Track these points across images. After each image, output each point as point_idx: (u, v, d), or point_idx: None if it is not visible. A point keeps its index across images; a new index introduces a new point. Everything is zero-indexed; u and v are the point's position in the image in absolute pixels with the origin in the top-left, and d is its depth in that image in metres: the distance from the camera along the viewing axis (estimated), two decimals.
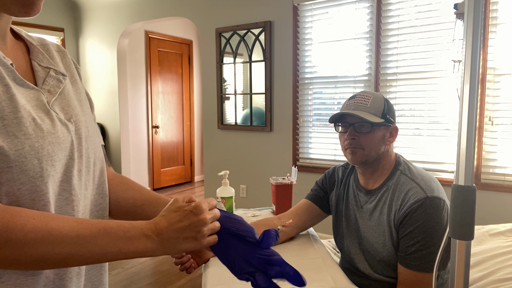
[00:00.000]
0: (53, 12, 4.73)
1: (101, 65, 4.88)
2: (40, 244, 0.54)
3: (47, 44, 0.74)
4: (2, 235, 0.52)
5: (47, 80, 0.67)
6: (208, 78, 4.03)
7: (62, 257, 0.56)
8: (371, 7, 3.04)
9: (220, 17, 3.84)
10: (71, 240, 0.56)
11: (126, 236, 0.60)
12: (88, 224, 0.59)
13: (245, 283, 1.16)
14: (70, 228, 0.57)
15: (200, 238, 0.62)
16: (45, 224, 0.55)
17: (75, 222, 0.58)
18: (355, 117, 1.26)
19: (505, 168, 2.61)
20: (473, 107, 0.60)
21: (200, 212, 0.62)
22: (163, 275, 2.90)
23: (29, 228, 0.53)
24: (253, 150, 3.78)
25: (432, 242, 1.17)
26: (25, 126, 0.57)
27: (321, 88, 3.38)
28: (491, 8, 2.59)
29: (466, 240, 0.62)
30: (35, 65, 0.68)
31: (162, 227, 0.62)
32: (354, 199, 1.39)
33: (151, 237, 0.61)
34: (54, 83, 0.68)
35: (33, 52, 0.69)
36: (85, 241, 0.57)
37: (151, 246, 0.61)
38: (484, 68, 2.63)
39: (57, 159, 0.62)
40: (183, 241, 0.62)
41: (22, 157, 0.56)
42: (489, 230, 1.64)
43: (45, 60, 0.69)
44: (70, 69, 0.76)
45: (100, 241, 0.58)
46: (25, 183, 0.57)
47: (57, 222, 0.56)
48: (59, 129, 0.63)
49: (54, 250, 0.55)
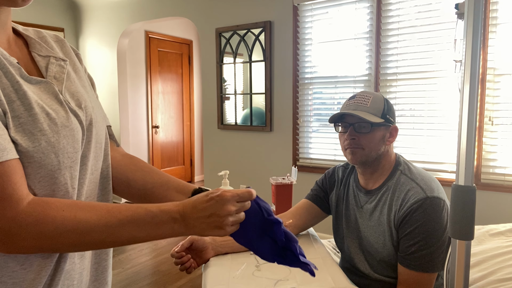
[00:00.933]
0: (53, 12, 4.73)
1: (101, 65, 4.88)
2: (70, 234, 0.57)
3: (44, 35, 0.75)
4: (35, 229, 0.55)
5: (49, 67, 0.69)
6: (208, 78, 4.03)
7: (93, 243, 0.59)
8: (371, 7, 3.04)
9: (220, 17, 3.84)
10: (100, 229, 0.59)
11: (154, 222, 0.62)
12: (116, 212, 0.61)
13: (245, 283, 1.16)
14: (98, 217, 0.59)
15: (224, 227, 0.63)
16: (74, 216, 0.58)
17: (103, 211, 0.60)
18: (355, 117, 1.26)
19: (505, 168, 2.61)
20: (473, 107, 0.60)
21: (224, 203, 0.62)
22: (163, 275, 2.90)
23: (59, 221, 0.57)
24: (253, 150, 3.78)
25: (432, 242, 1.17)
26: (40, 123, 0.60)
27: (321, 88, 3.38)
28: (491, 8, 2.59)
29: (466, 240, 0.62)
30: (35, 56, 0.70)
31: (188, 212, 0.63)
32: (354, 199, 1.39)
33: (178, 220, 0.63)
34: (57, 69, 0.70)
35: (31, 44, 0.71)
36: (113, 229, 0.60)
37: (178, 229, 0.63)
38: (484, 68, 2.63)
39: (73, 150, 0.64)
40: (207, 228, 0.63)
41: (40, 153, 0.59)
42: (489, 230, 1.64)
43: (44, 49, 0.71)
44: (70, 57, 0.77)
45: (128, 228, 0.60)
46: (45, 176, 0.60)
47: (86, 212, 0.59)
48: (73, 120, 0.65)
49: (85, 238, 0.58)
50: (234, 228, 0.64)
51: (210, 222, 0.62)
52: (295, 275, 1.20)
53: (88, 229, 0.58)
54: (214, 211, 0.62)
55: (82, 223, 0.58)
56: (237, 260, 1.32)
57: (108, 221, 0.59)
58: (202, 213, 0.62)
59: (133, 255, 3.29)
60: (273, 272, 1.22)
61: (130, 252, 3.34)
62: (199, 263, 1.33)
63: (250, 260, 1.31)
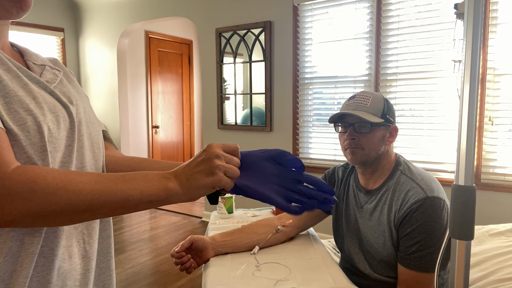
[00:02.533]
0: (53, 12, 4.73)
1: (101, 65, 4.88)
2: (63, 192, 0.56)
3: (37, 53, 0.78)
4: (26, 187, 0.54)
5: (44, 74, 0.70)
6: (208, 78, 4.03)
7: (88, 204, 0.57)
8: (371, 7, 3.04)
9: (220, 17, 3.84)
10: (92, 187, 0.58)
11: (145, 179, 0.61)
12: (107, 175, 0.61)
13: (245, 283, 1.16)
14: (89, 178, 0.59)
15: (215, 170, 0.62)
16: (64, 175, 0.57)
17: (93, 173, 0.60)
18: (355, 117, 1.26)
19: (505, 168, 2.61)
20: (473, 107, 0.60)
21: (210, 148, 0.64)
22: (163, 275, 2.90)
23: (50, 178, 0.55)
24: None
25: (432, 242, 1.17)
26: (26, 103, 0.60)
27: (321, 88, 3.38)
28: (491, 8, 2.59)
29: (466, 240, 0.62)
30: (30, 64, 0.70)
31: (179, 170, 0.64)
32: (354, 199, 1.39)
33: (170, 178, 0.63)
34: (51, 76, 0.71)
35: (26, 54, 0.72)
36: (106, 187, 0.59)
37: (172, 186, 0.62)
38: (484, 68, 2.63)
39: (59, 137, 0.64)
40: (199, 175, 0.62)
41: (26, 131, 0.59)
42: (489, 230, 1.64)
43: (39, 59, 0.73)
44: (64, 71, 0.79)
45: (121, 186, 0.60)
46: (31, 157, 0.59)
47: (76, 173, 0.59)
48: (59, 109, 0.65)
49: (78, 196, 0.57)
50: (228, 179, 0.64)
51: (200, 171, 0.62)
52: (295, 275, 1.20)
53: (81, 187, 0.57)
54: (202, 158, 0.63)
55: (73, 181, 0.57)
56: (237, 260, 1.32)
57: (99, 180, 0.59)
58: (191, 164, 0.63)
59: (133, 255, 3.29)
60: (273, 272, 1.22)
61: (130, 252, 3.34)
62: (199, 263, 1.33)
63: (250, 260, 1.32)
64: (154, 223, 4.16)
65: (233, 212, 1.80)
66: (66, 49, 4.92)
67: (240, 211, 1.88)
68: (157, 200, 0.62)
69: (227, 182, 0.64)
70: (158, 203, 0.62)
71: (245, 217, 1.77)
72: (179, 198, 0.63)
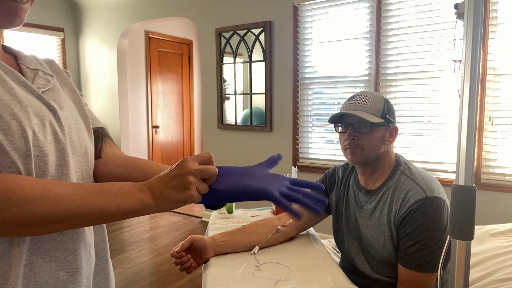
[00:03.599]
0: (53, 12, 4.73)
1: (101, 65, 4.88)
2: (40, 202, 0.56)
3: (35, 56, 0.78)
4: (3, 196, 0.54)
5: (36, 79, 0.70)
6: (208, 78, 4.03)
7: (64, 215, 0.58)
8: (371, 7, 3.04)
9: (220, 17, 3.84)
10: (69, 198, 0.58)
11: (121, 192, 0.62)
12: (84, 185, 0.62)
13: (245, 283, 1.16)
14: (67, 188, 0.59)
15: (189, 186, 0.63)
16: (43, 185, 0.57)
17: (71, 184, 0.61)
18: (355, 117, 1.26)
19: (505, 168, 2.61)
20: (473, 107, 0.60)
21: (184, 163, 0.64)
22: (163, 275, 2.90)
23: (28, 189, 0.56)
24: (253, 150, 3.78)
25: (432, 242, 1.17)
26: (10, 108, 0.59)
27: (321, 88, 3.38)
28: (491, 8, 2.59)
29: (466, 240, 0.62)
30: (23, 68, 0.70)
31: (152, 182, 0.65)
32: (354, 199, 1.39)
33: (144, 191, 0.64)
34: (43, 82, 0.71)
35: (20, 58, 0.72)
36: (83, 199, 0.59)
37: (146, 200, 0.63)
38: (484, 68, 2.63)
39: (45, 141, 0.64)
40: (172, 190, 0.63)
41: (10, 136, 0.58)
42: (489, 230, 1.64)
43: (33, 63, 0.72)
44: (59, 74, 0.79)
45: (97, 198, 0.60)
46: (15, 161, 0.59)
47: (54, 184, 0.59)
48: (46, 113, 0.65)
49: (55, 207, 0.57)
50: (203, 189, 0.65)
51: (173, 186, 0.63)
52: (295, 275, 1.20)
53: (58, 198, 0.57)
54: (176, 173, 0.63)
55: (51, 192, 0.57)
56: (237, 260, 1.32)
57: (76, 191, 0.59)
58: (165, 179, 0.64)
59: (133, 255, 3.29)
60: (273, 272, 1.22)
61: (130, 252, 3.34)
62: (199, 263, 1.33)
63: (250, 260, 1.31)
64: (154, 223, 4.16)
65: (233, 212, 1.80)
66: (66, 49, 4.92)
67: (240, 211, 1.88)
68: (132, 212, 0.63)
69: (198, 198, 0.65)
70: (133, 214, 0.63)
71: (245, 217, 1.77)
72: (152, 210, 0.64)
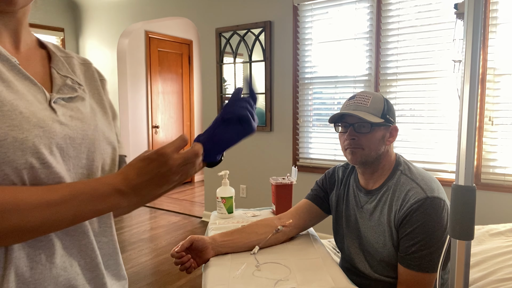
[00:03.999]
0: (53, 12, 4.73)
1: (101, 65, 4.88)
2: (10, 215, 0.54)
3: (71, 56, 0.76)
4: None
5: (62, 88, 0.68)
6: (208, 78, 4.03)
7: (36, 224, 0.56)
8: (371, 7, 3.04)
9: (220, 17, 3.84)
10: (42, 207, 0.56)
11: (97, 194, 0.60)
12: (57, 189, 0.59)
13: (245, 283, 1.16)
14: (39, 196, 0.57)
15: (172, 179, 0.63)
16: (13, 196, 0.55)
17: (44, 189, 0.58)
18: (355, 117, 1.26)
19: (505, 168, 2.61)
20: (473, 107, 0.60)
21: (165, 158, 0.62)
22: (163, 275, 2.90)
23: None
24: (253, 150, 3.78)
25: (432, 242, 1.17)
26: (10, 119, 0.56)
27: (321, 88, 3.38)
28: (491, 8, 2.59)
29: (466, 240, 0.62)
30: (53, 73, 0.69)
31: (132, 178, 0.62)
32: (354, 199, 1.39)
33: (125, 191, 0.61)
34: (68, 91, 0.68)
35: (53, 60, 0.70)
36: (56, 206, 0.57)
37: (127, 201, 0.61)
38: (484, 68, 2.63)
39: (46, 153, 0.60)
40: (156, 187, 0.62)
41: (5, 148, 0.55)
42: (489, 230, 1.64)
43: (64, 69, 0.71)
44: (92, 81, 0.77)
45: (71, 203, 0.58)
46: (9, 174, 0.56)
47: (26, 193, 0.56)
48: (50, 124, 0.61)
49: (27, 218, 0.55)
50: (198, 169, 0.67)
51: (157, 183, 0.62)
52: (295, 275, 1.20)
53: (30, 208, 0.55)
54: (158, 170, 0.62)
55: (23, 201, 0.55)
56: (237, 260, 1.32)
57: (49, 198, 0.57)
58: (146, 175, 0.62)
59: (133, 255, 3.29)
60: (273, 272, 1.22)
61: (130, 252, 3.34)
62: (199, 263, 1.33)
63: (250, 260, 1.31)
64: (154, 223, 4.16)
65: (233, 212, 1.80)
66: (66, 49, 4.92)
67: (240, 211, 1.88)
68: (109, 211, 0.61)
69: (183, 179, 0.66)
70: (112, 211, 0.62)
71: (245, 217, 1.77)
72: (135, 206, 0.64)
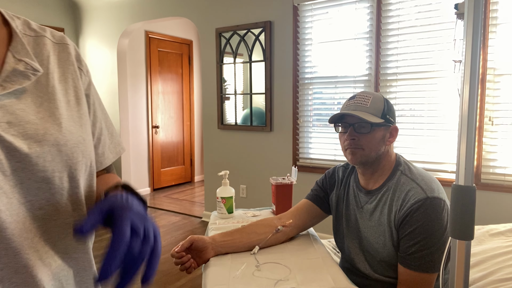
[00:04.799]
0: (53, 12, 4.73)
1: (101, 65, 4.88)
2: None
3: (42, 35, 0.65)
4: None
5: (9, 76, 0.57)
6: (208, 78, 4.03)
7: None
8: (371, 7, 3.04)
9: (220, 17, 3.84)
10: None
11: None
12: None
13: (245, 283, 1.16)
14: None
15: None
16: None
17: None
18: (355, 118, 1.26)
19: (505, 168, 2.61)
20: (473, 107, 0.60)
21: None
22: (163, 275, 2.90)
23: None
24: (253, 150, 3.78)
25: (432, 242, 1.17)
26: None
27: (321, 88, 3.38)
28: (491, 8, 2.59)
29: (466, 240, 0.62)
30: (8, 56, 0.59)
31: None
32: (355, 199, 1.39)
33: None
34: (17, 78, 0.57)
35: (14, 40, 0.60)
36: None
37: None
38: (484, 68, 2.63)
39: None
40: None
41: None
42: (489, 230, 1.64)
43: (24, 51, 0.60)
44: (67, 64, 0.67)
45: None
46: None
47: None
48: None
49: None
50: None
51: None
52: (295, 275, 1.20)
53: None
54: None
55: None
56: (237, 260, 1.32)
57: None
58: None
59: None
60: (273, 272, 1.22)
61: None
62: (199, 263, 1.33)
63: (250, 260, 1.31)
64: None
65: (233, 212, 1.80)
66: None
67: (240, 211, 1.88)
68: None
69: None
70: None
71: (245, 217, 1.77)
72: None
